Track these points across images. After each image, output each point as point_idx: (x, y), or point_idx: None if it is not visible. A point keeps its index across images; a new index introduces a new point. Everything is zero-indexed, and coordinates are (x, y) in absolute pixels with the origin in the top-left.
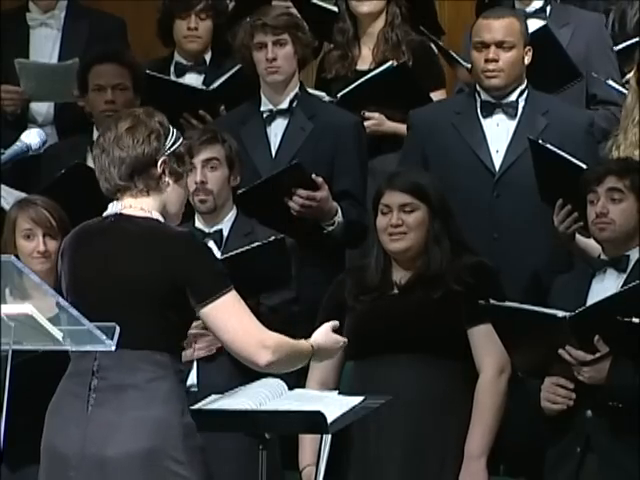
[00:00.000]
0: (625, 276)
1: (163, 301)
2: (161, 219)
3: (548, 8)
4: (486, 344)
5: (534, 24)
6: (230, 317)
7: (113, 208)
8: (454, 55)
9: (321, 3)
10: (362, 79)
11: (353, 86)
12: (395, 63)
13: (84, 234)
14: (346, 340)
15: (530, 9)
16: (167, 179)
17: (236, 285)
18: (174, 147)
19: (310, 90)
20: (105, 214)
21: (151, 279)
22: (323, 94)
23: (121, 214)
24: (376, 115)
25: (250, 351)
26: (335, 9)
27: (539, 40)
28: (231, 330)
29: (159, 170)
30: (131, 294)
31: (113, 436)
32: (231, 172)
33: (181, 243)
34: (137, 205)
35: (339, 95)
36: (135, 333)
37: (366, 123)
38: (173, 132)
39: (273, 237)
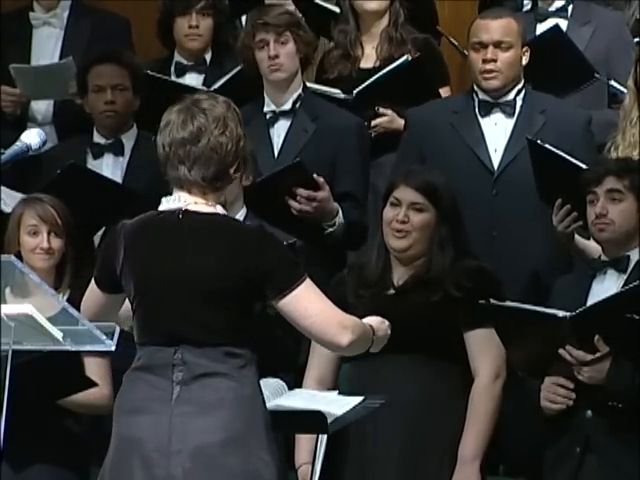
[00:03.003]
0: (625, 277)
1: (239, 296)
2: (226, 213)
3: (570, 7)
4: (482, 348)
5: (555, 23)
6: (309, 303)
7: (176, 202)
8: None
9: (323, 3)
10: (378, 74)
11: (370, 82)
12: (410, 57)
13: (148, 229)
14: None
15: (552, 8)
16: (234, 177)
17: None
18: (245, 149)
19: (321, 87)
20: (165, 208)
21: (227, 275)
22: (337, 91)
23: (187, 210)
24: (389, 112)
25: (332, 333)
26: (337, 9)
27: (551, 40)
28: (312, 315)
29: (234, 171)
30: (208, 291)
31: (201, 424)
32: (243, 171)
33: (255, 238)
34: (202, 201)
35: (355, 92)
36: (214, 330)
37: (378, 120)
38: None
39: (285, 242)
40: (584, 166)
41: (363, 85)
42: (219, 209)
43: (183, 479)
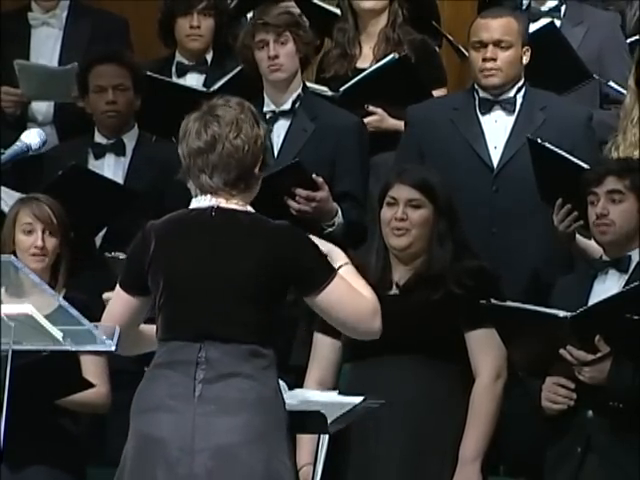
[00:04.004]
0: (627, 277)
1: (269, 294)
2: (255, 212)
3: (563, 7)
4: (483, 348)
5: (551, 20)
6: (342, 296)
7: (206, 201)
8: (463, 50)
9: (323, 4)
10: (365, 72)
11: (355, 80)
12: (397, 55)
13: (180, 226)
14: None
15: (544, 8)
16: (259, 175)
17: None
18: (266, 148)
19: (311, 84)
20: (196, 206)
21: (259, 273)
22: (325, 88)
23: (219, 207)
24: (379, 111)
25: (365, 322)
26: (337, 11)
27: (545, 38)
28: (345, 308)
29: (257, 171)
30: (238, 288)
31: (224, 423)
32: None
33: (286, 236)
34: (232, 200)
35: (341, 89)
36: (241, 327)
37: (368, 119)
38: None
39: None
40: (585, 165)
41: (349, 83)
42: (249, 208)
43: (206, 478)
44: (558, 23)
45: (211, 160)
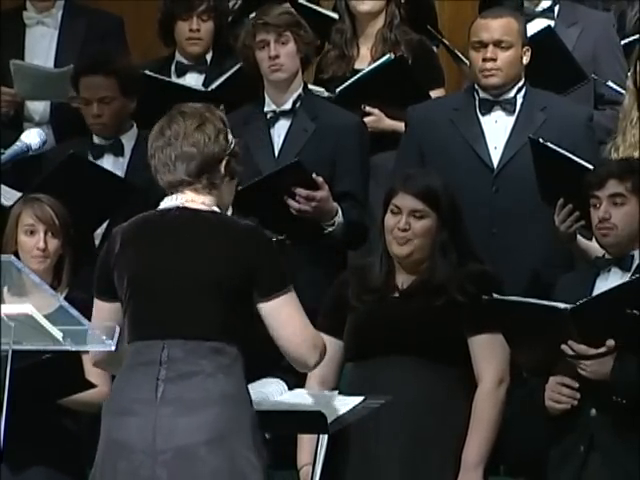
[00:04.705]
0: (629, 275)
1: (232, 292)
2: (221, 212)
3: (556, 8)
4: (486, 354)
5: (542, 24)
6: (290, 315)
7: (172, 201)
8: (459, 54)
9: (319, 8)
10: (360, 73)
11: (351, 80)
12: (393, 56)
13: (145, 226)
14: None
15: (538, 8)
16: (227, 177)
17: None
18: (234, 146)
19: (309, 86)
20: (163, 207)
21: (222, 270)
22: (322, 89)
23: (184, 207)
24: (376, 111)
25: (304, 350)
26: (334, 15)
27: (543, 41)
28: (293, 326)
29: (223, 168)
30: (201, 285)
31: (185, 424)
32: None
33: (252, 236)
34: (198, 200)
35: (337, 90)
36: (205, 324)
37: (365, 120)
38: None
39: (275, 239)
40: (587, 164)
41: (346, 84)
42: (216, 209)
43: (168, 479)
44: (552, 24)
45: (173, 152)
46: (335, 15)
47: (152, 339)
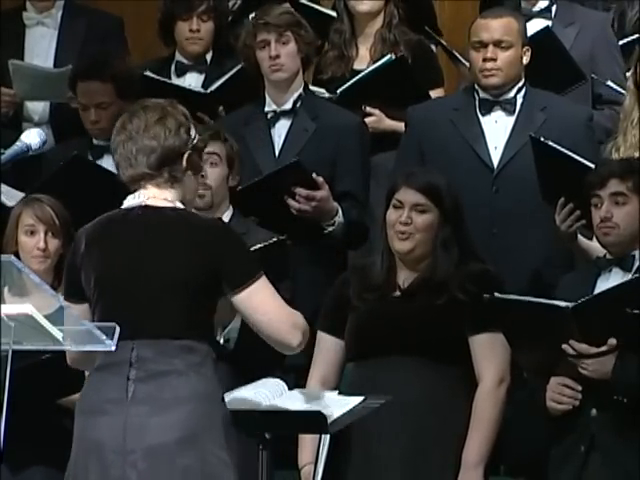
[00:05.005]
0: (630, 275)
1: (199, 289)
2: (184, 208)
3: (554, 8)
4: (487, 353)
5: (539, 24)
6: (264, 301)
7: (135, 199)
8: (457, 55)
9: (318, 6)
10: (361, 73)
11: (353, 81)
12: (394, 56)
13: (109, 226)
14: None
15: (536, 8)
16: (189, 171)
17: None
18: (196, 141)
19: (310, 87)
20: (126, 206)
21: (187, 268)
22: (322, 90)
23: (146, 205)
24: (376, 112)
25: (284, 332)
26: (332, 13)
27: (541, 41)
28: (267, 312)
29: (185, 162)
30: (168, 284)
31: (156, 423)
32: (230, 171)
33: (214, 231)
34: (160, 196)
35: (338, 91)
36: (173, 322)
37: (366, 120)
38: (194, 126)
39: (275, 238)
40: (588, 163)
41: (347, 84)
42: (178, 204)
43: (137, 479)
44: (549, 24)
45: (134, 146)
46: (333, 13)
47: (121, 339)
